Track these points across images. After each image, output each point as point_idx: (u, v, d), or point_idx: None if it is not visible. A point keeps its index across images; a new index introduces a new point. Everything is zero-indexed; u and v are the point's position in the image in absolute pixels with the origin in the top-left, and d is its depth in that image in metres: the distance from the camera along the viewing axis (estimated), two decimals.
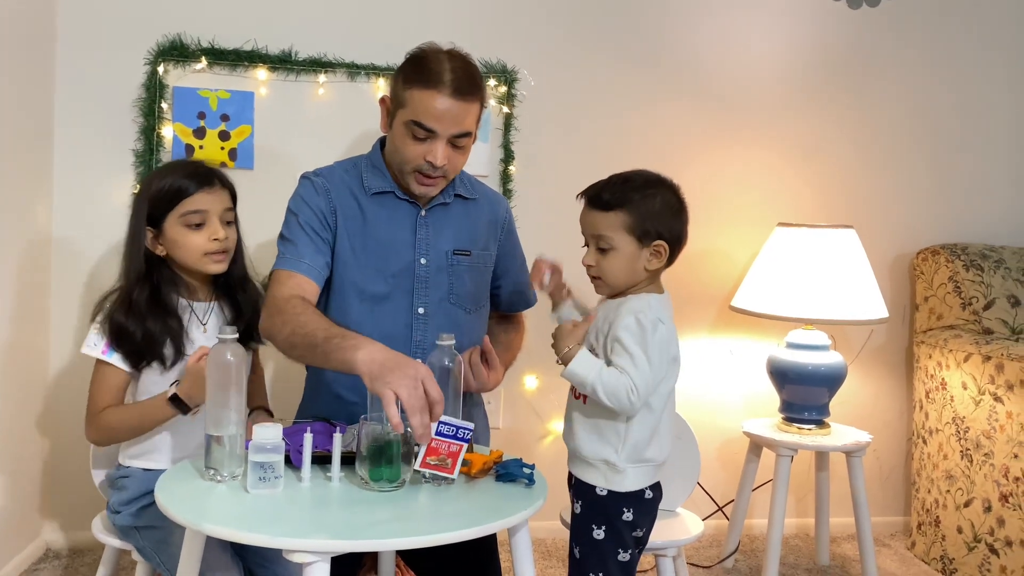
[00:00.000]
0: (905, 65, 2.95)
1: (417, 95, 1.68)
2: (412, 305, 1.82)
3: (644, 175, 1.59)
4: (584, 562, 1.59)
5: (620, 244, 1.55)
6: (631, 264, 1.57)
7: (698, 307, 2.88)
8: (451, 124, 1.69)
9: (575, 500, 1.62)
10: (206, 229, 1.74)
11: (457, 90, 1.67)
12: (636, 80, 2.80)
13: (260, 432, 1.42)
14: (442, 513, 1.39)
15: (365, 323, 1.79)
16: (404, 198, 1.82)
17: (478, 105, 1.74)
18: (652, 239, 1.55)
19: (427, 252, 1.83)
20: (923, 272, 2.91)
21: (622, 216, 1.55)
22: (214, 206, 1.76)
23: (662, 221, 1.55)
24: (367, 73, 2.61)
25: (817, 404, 2.54)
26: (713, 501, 2.85)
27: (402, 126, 1.72)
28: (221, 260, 1.77)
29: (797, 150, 2.91)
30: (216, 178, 1.78)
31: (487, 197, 1.96)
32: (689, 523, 2.08)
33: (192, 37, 2.52)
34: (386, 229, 1.81)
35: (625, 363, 1.51)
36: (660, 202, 1.56)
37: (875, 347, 2.99)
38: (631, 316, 1.52)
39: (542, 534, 2.73)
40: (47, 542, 2.55)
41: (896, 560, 2.80)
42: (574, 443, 1.61)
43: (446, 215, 1.86)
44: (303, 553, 1.25)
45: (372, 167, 1.84)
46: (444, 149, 1.71)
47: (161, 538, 1.68)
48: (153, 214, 1.75)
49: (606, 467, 1.57)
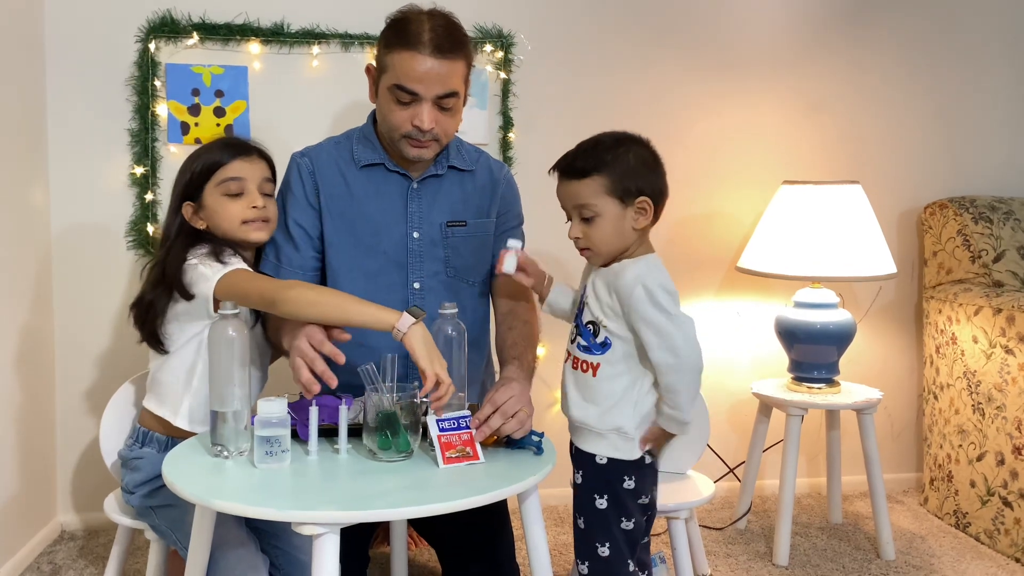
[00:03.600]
0: (908, 17, 2.90)
1: (397, 58, 1.63)
2: (407, 280, 1.77)
3: (612, 135, 1.56)
4: (588, 532, 1.58)
5: (603, 209, 1.52)
6: (618, 227, 1.53)
7: (704, 269, 2.85)
8: (435, 84, 1.63)
9: (576, 470, 1.61)
10: (245, 198, 1.73)
11: (437, 48, 1.62)
12: (635, 40, 2.75)
13: (265, 407, 1.41)
14: (451, 481, 1.38)
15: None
16: (395, 170, 1.77)
17: (462, 63, 1.67)
18: (634, 196, 1.52)
19: (419, 225, 1.78)
20: (931, 226, 2.87)
21: (599, 179, 1.51)
22: (252, 174, 1.75)
23: (641, 176, 1.52)
24: (361, 43, 2.57)
25: (826, 363, 2.53)
26: (724, 463, 2.85)
27: (386, 92, 1.68)
28: (261, 228, 1.74)
29: (800, 106, 2.87)
30: (255, 150, 1.79)
31: (484, 166, 1.88)
32: (700, 485, 2.07)
33: (183, 12, 2.48)
34: (375, 204, 1.77)
35: (665, 327, 1.47)
36: (634, 158, 1.52)
37: (883, 304, 2.97)
38: (638, 286, 1.48)
39: (553, 501, 2.74)
40: (62, 523, 2.57)
41: (909, 516, 2.80)
42: (580, 414, 1.57)
43: (439, 186, 1.80)
44: (312, 525, 1.25)
45: (364, 139, 1.80)
46: (430, 111, 1.65)
47: (177, 516, 1.68)
48: (192, 187, 1.75)
49: (617, 436, 1.55)
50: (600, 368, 1.54)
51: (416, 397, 1.45)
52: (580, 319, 1.59)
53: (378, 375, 1.47)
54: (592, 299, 1.56)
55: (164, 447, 1.75)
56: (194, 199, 1.75)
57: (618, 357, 1.53)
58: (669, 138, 2.81)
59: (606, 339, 1.53)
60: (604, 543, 1.56)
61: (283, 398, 1.45)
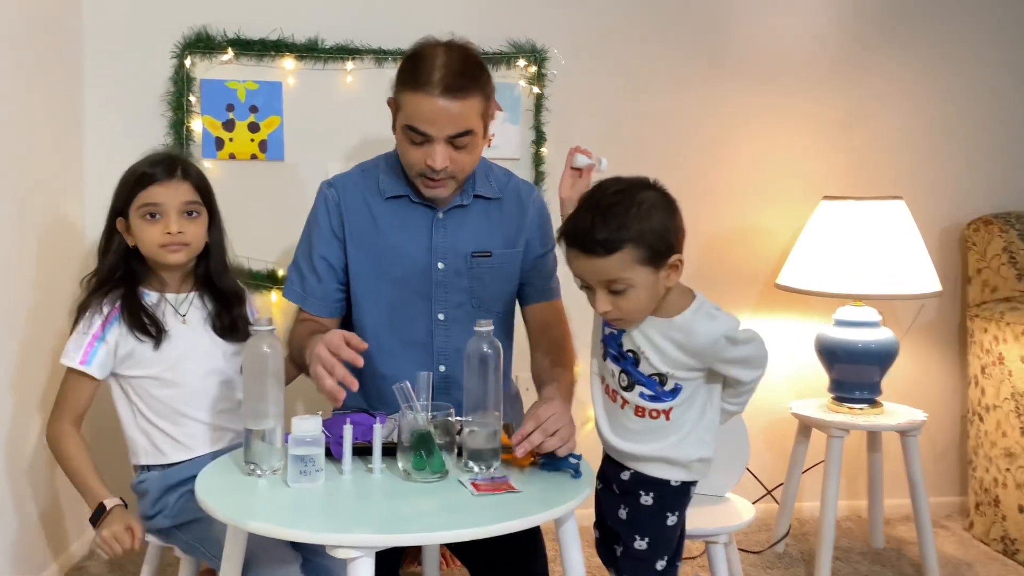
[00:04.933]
0: (947, 29, 2.84)
1: (409, 98, 1.63)
2: (431, 311, 1.77)
3: (622, 192, 1.40)
4: (652, 550, 1.51)
5: (637, 280, 1.39)
6: (653, 292, 1.41)
7: (742, 286, 2.80)
8: (446, 126, 1.61)
9: (642, 493, 1.51)
10: (161, 221, 1.74)
11: (447, 89, 1.59)
12: (669, 54, 2.72)
13: (299, 425, 1.39)
14: (487, 504, 1.35)
15: (384, 332, 1.77)
16: (419, 201, 1.77)
17: (477, 99, 1.64)
18: (666, 257, 1.40)
19: (444, 256, 1.76)
20: (975, 243, 2.80)
21: (629, 252, 1.37)
22: (170, 199, 1.74)
23: (669, 234, 1.40)
24: (395, 59, 2.56)
25: (868, 383, 2.46)
26: (762, 485, 2.78)
27: (401, 131, 1.67)
28: (177, 251, 1.74)
29: (840, 122, 2.82)
30: (180, 170, 1.77)
31: (513, 192, 1.85)
32: (740, 508, 2.02)
33: (218, 28, 2.49)
34: (400, 235, 1.76)
35: (752, 356, 1.44)
36: (657, 215, 1.39)
37: (925, 322, 2.89)
38: (721, 339, 1.40)
39: (587, 522, 2.68)
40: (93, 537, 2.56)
41: (954, 542, 2.71)
42: (655, 451, 1.48)
43: (464, 216, 1.79)
44: (347, 549, 1.22)
45: (390, 169, 1.79)
46: (443, 151, 1.63)
47: (202, 529, 1.67)
48: (119, 203, 1.78)
49: (700, 464, 1.49)
50: (674, 410, 1.47)
51: (451, 416, 1.42)
52: (633, 369, 1.47)
53: (412, 393, 1.45)
54: (653, 354, 1.44)
55: (163, 469, 1.78)
56: (124, 216, 1.77)
57: (689, 393, 1.46)
58: (705, 152, 2.77)
59: (676, 385, 1.46)
60: (663, 557, 1.52)
61: (317, 416, 1.42)
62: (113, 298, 1.75)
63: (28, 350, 2.16)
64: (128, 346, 1.73)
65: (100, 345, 1.73)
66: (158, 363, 1.74)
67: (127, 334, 1.73)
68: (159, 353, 1.74)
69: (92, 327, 1.73)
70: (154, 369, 1.75)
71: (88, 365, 1.72)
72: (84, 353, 1.73)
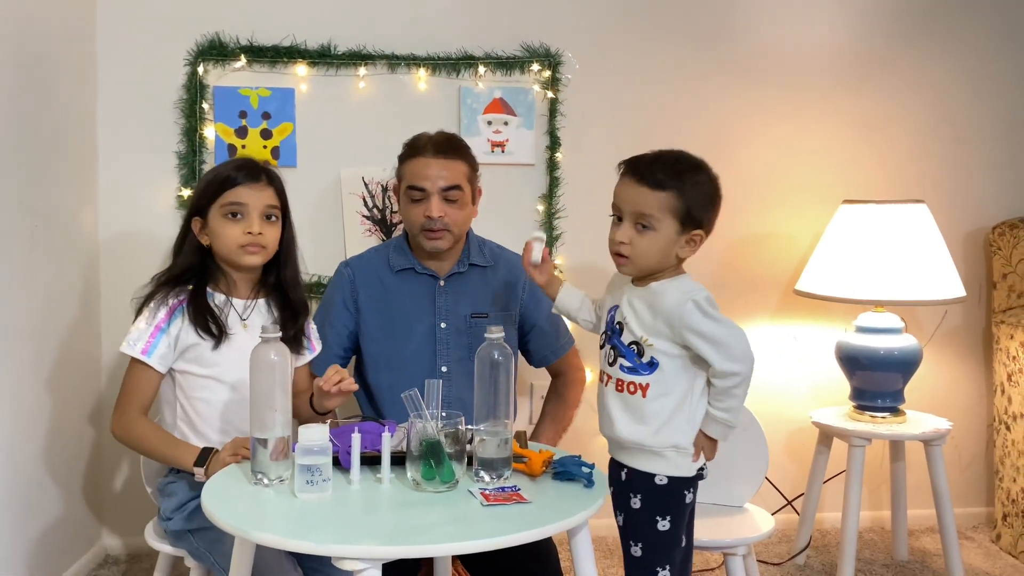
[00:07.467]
0: (969, 31, 2.79)
1: (408, 165, 1.99)
2: (435, 364, 2.00)
3: (691, 158, 1.55)
4: (647, 558, 1.51)
5: (663, 226, 1.50)
6: (667, 248, 1.52)
7: (760, 292, 2.76)
8: (438, 179, 1.93)
9: (632, 495, 1.53)
10: (243, 222, 1.77)
11: (437, 149, 1.96)
12: (684, 59, 2.68)
13: (306, 433, 1.37)
14: (498, 515, 1.32)
15: (393, 388, 1.89)
16: (424, 272, 2.03)
17: (463, 164, 1.97)
18: (693, 227, 1.51)
19: (446, 317, 2.02)
20: (1000, 247, 2.74)
21: (671, 197, 1.49)
22: (255, 201, 1.78)
23: (707, 210, 1.53)
24: (407, 64, 2.55)
25: (891, 390, 2.41)
26: (781, 495, 2.73)
27: (404, 195, 1.99)
28: (255, 252, 1.79)
29: (861, 125, 2.77)
30: (264, 175, 1.81)
31: (505, 261, 2.09)
32: (759, 519, 1.98)
33: (230, 35, 2.49)
34: (407, 301, 2.03)
35: (722, 336, 1.47)
36: (708, 190, 1.53)
37: (949, 328, 2.83)
38: (688, 302, 1.48)
39: (602, 532, 2.65)
40: (106, 547, 2.56)
41: (981, 554, 2.65)
42: (632, 435, 1.52)
43: (463, 283, 2.04)
44: (353, 560, 1.20)
45: (398, 248, 2.07)
46: (438, 203, 1.93)
47: (214, 537, 1.65)
48: (200, 203, 1.81)
49: (675, 453, 1.51)
50: (650, 388, 1.50)
51: (461, 424, 1.40)
52: (618, 340, 1.55)
53: (422, 401, 1.42)
54: (633, 320, 1.53)
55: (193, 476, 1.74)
56: (202, 215, 1.80)
57: (668, 375, 1.50)
58: (722, 157, 2.67)
59: (652, 359, 1.50)
60: (664, 566, 1.51)
61: (325, 424, 1.40)
62: (180, 292, 1.78)
63: (38, 355, 2.16)
64: (188, 340, 1.75)
65: (162, 336, 1.75)
66: (214, 363, 1.76)
67: (189, 328, 1.75)
68: (217, 354, 1.76)
69: (156, 318, 1.75)
70: (210, 369, 1.76)
71: (149, 356, 1.74)
72: (146, 343, 1.74)
